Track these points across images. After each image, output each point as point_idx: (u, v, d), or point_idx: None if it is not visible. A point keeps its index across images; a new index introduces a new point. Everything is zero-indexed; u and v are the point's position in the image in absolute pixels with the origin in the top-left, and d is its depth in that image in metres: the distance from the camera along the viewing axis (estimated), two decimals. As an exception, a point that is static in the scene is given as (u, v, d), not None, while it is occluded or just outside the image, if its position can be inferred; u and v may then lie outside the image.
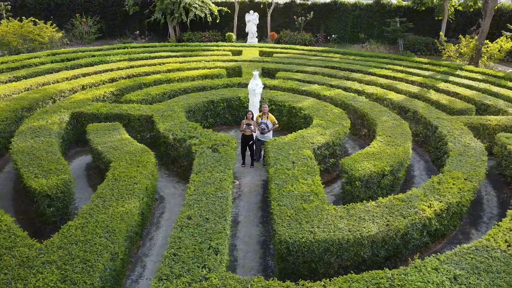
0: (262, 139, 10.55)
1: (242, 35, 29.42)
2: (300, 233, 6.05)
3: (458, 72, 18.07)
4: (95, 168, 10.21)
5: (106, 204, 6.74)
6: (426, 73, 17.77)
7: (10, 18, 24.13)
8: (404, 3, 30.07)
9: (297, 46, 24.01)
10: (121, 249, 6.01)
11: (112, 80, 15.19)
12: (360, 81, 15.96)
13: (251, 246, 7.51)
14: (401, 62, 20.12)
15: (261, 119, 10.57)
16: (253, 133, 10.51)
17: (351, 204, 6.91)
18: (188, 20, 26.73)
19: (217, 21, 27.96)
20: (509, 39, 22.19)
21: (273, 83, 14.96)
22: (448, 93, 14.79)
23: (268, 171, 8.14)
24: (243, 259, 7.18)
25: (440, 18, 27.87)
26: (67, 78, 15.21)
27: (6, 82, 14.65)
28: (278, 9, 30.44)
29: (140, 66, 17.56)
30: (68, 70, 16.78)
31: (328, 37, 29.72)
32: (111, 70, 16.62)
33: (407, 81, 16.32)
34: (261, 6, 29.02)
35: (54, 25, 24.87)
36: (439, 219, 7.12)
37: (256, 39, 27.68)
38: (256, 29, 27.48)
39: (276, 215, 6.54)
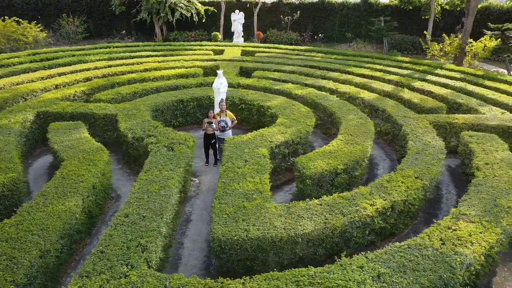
0: (222, 137, 10.53)
1: (229, 35, 29.39)
2: (234, 231, 6.04)
3: (438, 71, 18.02)
4: (57, 167, 10.20)
5: (47, 202, 6.73)
6: (405, 72, 17.73)
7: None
8: (394, 1, 30.03)
9: (281, 46, 23.99)
10: (55, 246, 6.00)
11: (87, 80, 15.19)
12: (335, 80, 15.94)
13: (198, 245, 7.49)
14: (382, 61, 20.07)
15: (220, 117, 10.56)
16: (215, 131, 10.51)
17: (293, 202, 6.90)
18: (174, 19, 26.73)
19: (203, 21, 27.96)
20: (493, 38, 22.11)
21: (247, 82, 14.94)
22: (422, 91, 14.75)
23: (219, 169, 8.13)
24: (187, 257, 7.16)
25: (427, 17, 27.80)
26: (42, 78, 15.21)
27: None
28: (266, 9, 30.42)
29: (118, 65, 17.56)
30: (46, 69, 16.78)
31: (315, 37, 29.68)
32: (88, 69, 16.63)
33: (383, 80, 16.28)
34: (248, 6, 29.01)
35: (39, 25, 24.89)
36: (384, 217, 7.10)
37: (242, 39, 27.67)
38: (242, 29, 27.48)
39: (215, 213, 6.52)
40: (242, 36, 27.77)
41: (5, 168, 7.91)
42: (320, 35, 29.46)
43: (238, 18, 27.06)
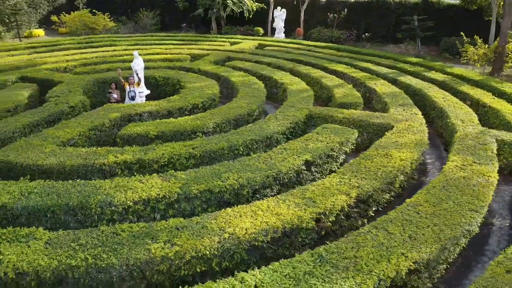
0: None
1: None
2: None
3: (426, 73, 16.63)
4: None
5: None
6: (385, 70, 16.89)
7: (84, 9, 30.33)
8: (457, 1, 27.24)
9: (304, 42, 24.45)
10: None
11: (92, 57, 18.70)
12: (295, 73, 16.29)
13: None
14: (382, 60, 19.09)
15: (129, 88, 12.66)
16: (117, 101, 12.71)
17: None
18: (225, 15, 29.33)
19: (250, 16, 29.86)
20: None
21: (206, 68, 16.59)
22: (368, 89, 14.44)
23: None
24: None
25: (489, 18, 24.58)
26: (66, 54, 19.32)
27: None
28: (319, 6, 30.69)
29: (132, 49, 20.79)
30: (81, 48, 21.05)
31: (363, 36, 28.79)
32: (104, 51, 20.19)
33: (346, 77, 16.01)
34: (295, 3, 29.75)
35: (109, 17, 30.08)
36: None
37: (283, 35, 28.72)
38: (283, 25, 28.56)
39: None
40: (284, 32, 28.80)
41: None
42: (366, 34, 28.47)
43: (279, 15, 28.23)
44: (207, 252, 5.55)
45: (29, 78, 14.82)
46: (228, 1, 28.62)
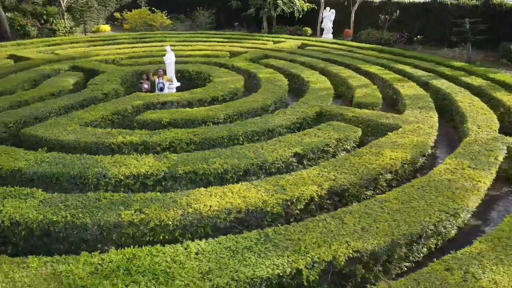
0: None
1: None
2: None
3: (464, 77, 15.90)
4: None
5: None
6: (420, 73, 16.43)
7: (145, 7, 32.60)
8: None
9: (348, 42, 24.27)
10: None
11: (140, 51, 20.24)
12: (325, 73, 16.43)
13: None
14: (424, 64, 18.45)
15: (158, 80, 13.76)
16: (148, 91, 13.85)
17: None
18: (275, 14, 29.89)
19: (300, 17, 30.10)
20: None
21: (238, 64, 17.28)
22: (394, 90, 14.30)
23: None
24: None
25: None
26: (118, 48, 21.12)
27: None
28: (371, 7, 30.08)
29: (175, 45, 21.99)
30: (134, 43, 22.84)
31: (415, 38, 27.76)
32: (153, 46, 21.73)
33: (377, 79, 15.85)
34: (345, 3, 29.41)
35: (167, 14, 31.91)
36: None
37: (331, 35, 28.58)
38: (331, 25, 28.43)
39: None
40: (332, 33, 28.69)
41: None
42: (418, 36, 27.42)
43: (327, 15, 28.16)
44: (170, 223, 6.20)
45: (79, 68, 16.55)
46: (278, 1, 29.16)
